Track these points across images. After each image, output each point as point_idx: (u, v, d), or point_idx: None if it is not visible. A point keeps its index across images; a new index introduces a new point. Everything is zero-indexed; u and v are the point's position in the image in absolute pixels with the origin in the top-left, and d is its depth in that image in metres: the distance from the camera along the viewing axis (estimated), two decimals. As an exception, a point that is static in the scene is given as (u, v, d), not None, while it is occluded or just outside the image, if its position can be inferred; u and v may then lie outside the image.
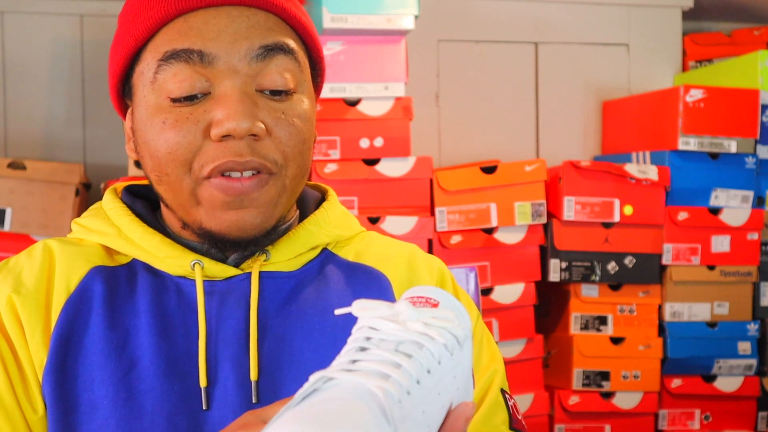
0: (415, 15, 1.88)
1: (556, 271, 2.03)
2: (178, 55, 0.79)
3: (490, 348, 0.92)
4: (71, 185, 1.99)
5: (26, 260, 0.86)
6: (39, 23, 2.20)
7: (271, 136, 0.80)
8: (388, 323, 0.62)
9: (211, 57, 0.79)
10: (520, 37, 2.35)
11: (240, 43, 0.80)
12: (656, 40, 2.41)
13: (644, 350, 2.05)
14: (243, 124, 0.77)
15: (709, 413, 2.11)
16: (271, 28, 0.82)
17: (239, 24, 0.80)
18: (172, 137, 0.79)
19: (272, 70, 0.81)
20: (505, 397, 0.89)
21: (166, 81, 0.80)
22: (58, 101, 2.22)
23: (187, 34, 0.80)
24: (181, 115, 0.79)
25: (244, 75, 0.80)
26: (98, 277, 0.84)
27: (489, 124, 2.33)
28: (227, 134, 0.78)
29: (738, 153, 2.06)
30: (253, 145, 0.79)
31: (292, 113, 0.81)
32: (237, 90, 0.79)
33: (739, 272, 2.10)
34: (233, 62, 0.79)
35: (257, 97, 0.80)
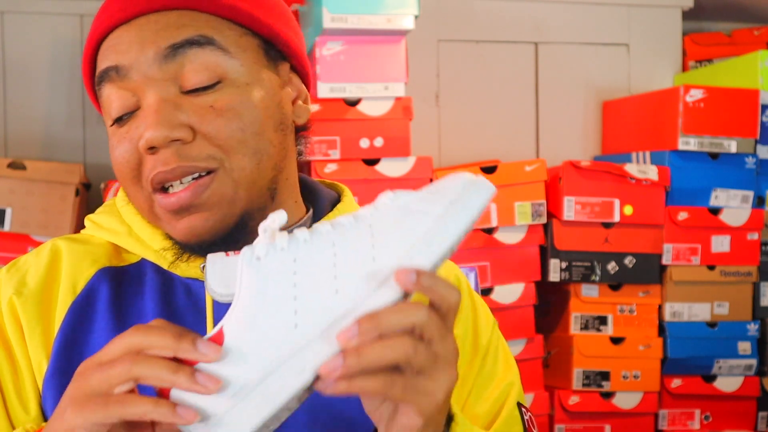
0: (415, 15, 1.88)
1: (556, 271, 2.03)
2: (102, 78, 0.81)
3: (506, 358, 0.90)
4: (71, 185, 1.99)
5: (33, 260, 0.86)
6: (39, 23, 2.20)
7: (200, 135, 0.78)
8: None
9: (126, 69, 0.79)
10: (520, 37, 2.35)
11: (147, 49, 0.78)
12: (656, 40, 2.40)
13: (644, 350, 2.05)
14: (158, 133, 0.76)
15: (709, 413, 2.11)
16: (183, 25, 0.79)
17: (147, 30, 0.79)
18: (118, 158, 0.80)
19: (188, 68, 0.78)
20: (521, 411, 0.86)
21: (104, 105, 0.82)
22: (58, 101, 2.21)
23: (106, 55, 0.81)
24: (121, 136, 0.80)
25: (160, 81, 0.78)
26: (105, 279, 0.84)
27: (489, 124, 2.33)
28: (149, 146, 0.77)
29: (738, 153, 2.06)
30: (180, 151, 0.77)
31: (221, 103, 0.78)
32: (156, 98, 0.78)
33: (739, 272, 2.10)
34: (145, 70, 0.78)
35: (182, 99, 0.78)
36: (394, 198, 0.66)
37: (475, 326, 0.89)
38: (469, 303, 0.90)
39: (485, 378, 0.87)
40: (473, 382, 0.86)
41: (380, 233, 0.64)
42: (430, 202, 0.66)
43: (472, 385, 0.86)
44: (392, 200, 0.66)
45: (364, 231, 0.64)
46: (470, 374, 0.86)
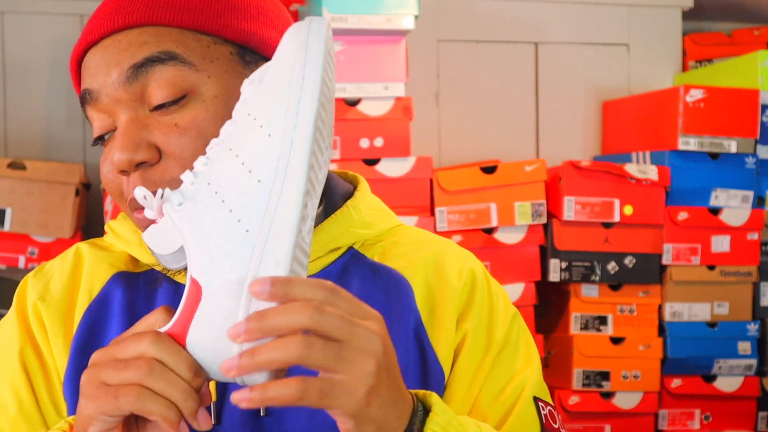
0: (415, 15, 1.88)
1: (556, 271, 2.03)
2: (82, 100, 0.81)
3: (527, 352, 0.87)
4: (71, 185, 1.99)
5: (58, 266, 0.87)
6: (39, 23, 2.20)
7: (165, 155, 0.77)
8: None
9: (96, 93, 0.79)
10: (520, 37, 2.35)
11: (112, 71, 0.78)
12: (656, 40, 2.40)
13: (644, 350, 2.05)
14: (122, 157, 0.76)
15: (709, 413, 2.11)
16: (144, 42, 0.78)
17: (111, 52, 0.78)
18: (103, 177, 0.81)
19: (153, 86, 0.77)
20: (538, 406, 0.83)
21: (91, 122, 0.83)
22: (58, 101, 2.21)
23: (83, 77, 0.81)
24: (105, 155, 0.81)
25: (128, 101, 0.77)
26: (120, 283, 0.84)
27: (489, 124, 2.33)
28: (118, 170, 0.77)
29: (738, 153, 2.06)
30: (145, 174, 0.77)
31: (184, 121, 0.77)
32: (125, 121, 0.77)
33: (739, 272, 2.10)
34: (112, 93, 0.78)
35: (150, 118, 0.77)
36: (251, 80, 0.71)
37: (490, 320, 0.85)
38: (485, 294, 0.86)
39: (500, 374, 0.84)
40: (485, 378, 0.83)
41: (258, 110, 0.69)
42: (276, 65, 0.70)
43: (483, 381, 0.83)
44: (249, 84, 0.71)
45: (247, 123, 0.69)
46: (482, 371, 0.83)
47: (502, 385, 0.83)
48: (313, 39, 0.69)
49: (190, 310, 0.63)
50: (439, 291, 0.84)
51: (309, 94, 0.67)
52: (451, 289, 0.84)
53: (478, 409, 0.82)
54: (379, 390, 0.61)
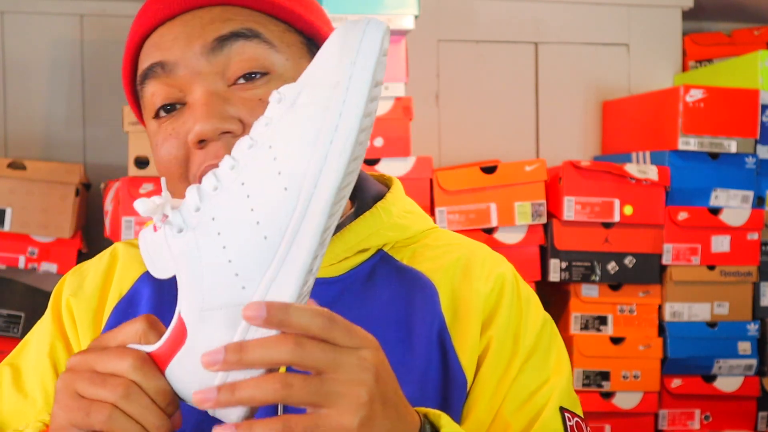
0: (415, 15, 1.88)
1: (556, 271, 2.03)
2: (146, 75, 0.80)
3: (558, 360, 0.85)
4: (71, 185, 1.99)
5: (94, 265, 0.89)
6: (39, 23, 2.20)
7: (249, 128, 0.76)
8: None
9: (172, 65, 0.78)
10: (520, 37, 2.35)
11: (194, 43, 0.78)
12: (656, 40, 2.40)
13: (644, 350, 2.05)
14: (208, 125, 0.75)
15: (709, 413, 2.11)
16: (228, 19, 0.79)
17: (192, 26, 0.79)
18: (164, 155, 0.80)
19: (235, 59, 0.78)
20: (564, 417, 0.80)
21: (148, 102, 0.81)
22: (58, 101, 2.21)
23: (150, 52, 0.80)
24: (167, 132, 0.79)
25: (208, 74, 0.78)
26: (148, 282, 0.85)
27: (489, 124, 2.33)
28: (198, 139, 0.76)
29: (738, 153, 2.06)
30: (231, 143, 0.76)
31: (270, 96, 0.79)
32: (204, 92, 0.77)
33: (739, 272, 2.10)
34: (193, 64, 0.78)
35: (230, 93, 0.78)
36: (280, 97, 0.63)
37: (518, 327, 0.84)
38: (514, 300, 0.85)
39: (527, 382, 0.82)
40: (510, 386, 0.81)
41: (281, 147, 0.60)
42: (318, 88, 0.61)
43: (508, 389, 0.81)
44: (279, 104, 0.62)
45: (264, 154, 0.61)
46: (507, 378, 0.81)
47: (528, 394, 0.81)
48: (362, 59, 0.60)
49: (174, 343, 0.61)
50: (464, 295, 0.83)
51: (340, 149, 0.59)
52: (477, 293, 0.83)
53: (501, 418, 0.80)
54: (373, 420, 0.59)
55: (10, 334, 1.97)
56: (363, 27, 0.61)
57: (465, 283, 0.83)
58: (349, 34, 0.61)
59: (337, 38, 0.62)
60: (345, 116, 0.59)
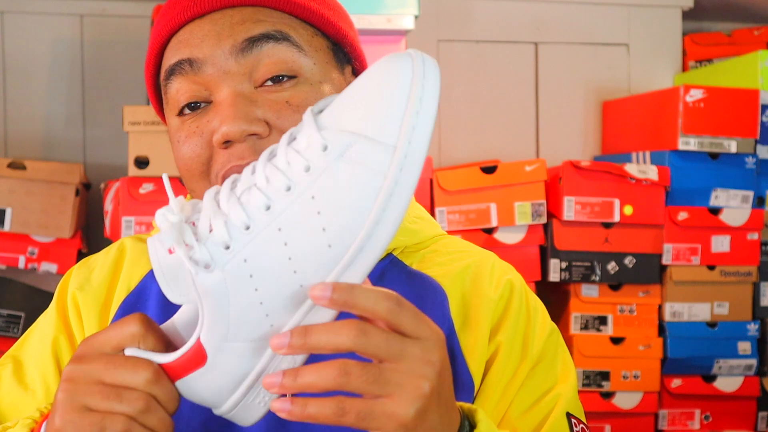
0: (415, 15, 1.88)
1: (556, 271, 2.03)
2: (173, 71, 0.80)
3: (565, 368, 0.85)
4: (71, 185, 1.99)
5: (101, 259, 0.89)
6: (39, 23, 2.20)
7: (276, 130, 0.77)
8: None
9: (200, 63, 0.78)
10: (520, 37, 2.35)
11: (224, 42, 0.78)
12: (656, 40, 2.40)
13: (644, 350, 2.05)
14: (235, 127, 0.75)
15: (709, 413, 2.11)
16: (259, 20, 0.79)
17: (222, 24, 0.79)
18: (186, 153, 0.79)
19: (265, 61, 0.78)
20: (570, 422, 0.81)
21: (172, 98, 0.80)
22: (58, 101, 2.21)
23: (177, 48, 0.80)
24: (190, 130, 0.79)
25: (236, 74, 0.78)
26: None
27: (489, 124, 2.33)
28: (225, 140, 0.76)
29: (738, 153, 2.06)
30: (256, 145, 0.76)
31: (297, 99, 0.78)
32: (230, 92, 0.77)
33: (739, 272, 2.10)
34: (221, 63, 0.78)
35: (256, 94, 0.78)
36: (325, 144, 0.58)
37: (526, 334, 0.84)
38: (522, 308, 0.85)
39: (533, 388, 0.82)
40: (517, 392, 0.82)
41: (324, 200, 0.57)
42: (372, 146, 0.57)
43: (514, 395, 0.82)
44: (325, 152, 0.58)
45: (306, 206, 0.58)
46: (514, 384, 0.82)
47: (534, 399, 0.82)
48: (423, 120, 0.57)
49: (191, 363, 0.61)
50: (474, 301, 0.83)
51: (394, 217, 0.58)
52: (486, 300, 0.83)
53: (508, 422, 0.81)
54: (427, 413, 0.59)
55: (10, 334, 1.97)
56: (422, 70, 0.58)
57: (474, 289, 0.84)
58: (404, 75, 0.58)
59: (391, 79, 0.58)
60: (402, 185, 0.57)
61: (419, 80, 0.58)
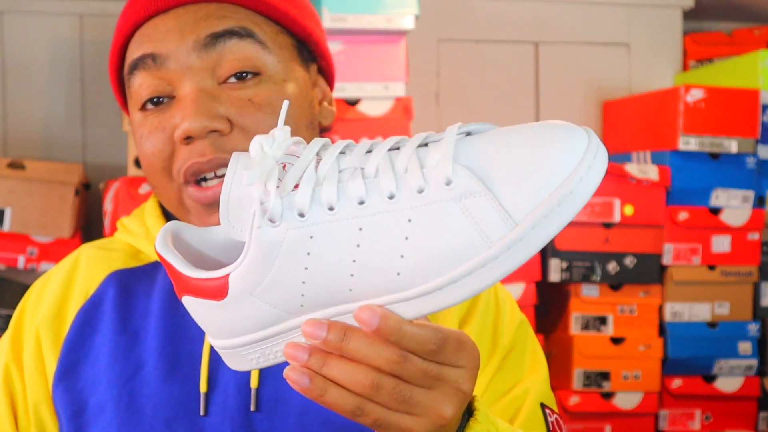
0: (415, 15, 1.88)
1: (557, 272, 2.03)
2: (136, 65, 0.79)
3: (534, 359, 0.86)
4: (71, 185, 1.99)
5: (54, 276, 0.87)
6: (39, 23, 2.20)
7: (237, 128, 0.77)
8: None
9: (163, 58, 0.78)
10: (520, 37, 2.35)
11: (187, 38, 0.77)
12: (656, 40, 2.40)
13: (644, 350, 2.05)
14: (195, 123, 0.74)
15: (710, 413, 2.10)
16: (223, 17, 0.79)
17: (186, 20, 0.78)
18: (149, 148, 0.79)
19: (228, 57, 0.77)
20: (545, 412, 0.81)
21: (135, 92, 0.80)
22: (57, 101, 2.21)
23: (141, 43, 0.80)
24: (152, 125, 0.79)
25: (198, 70, 0.77)
26: (114, 282, 0.84)
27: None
28: (186, 136, 0.76)
29: (738, 153, 2.06)
30: (217, 142, 0.76)
31: (260, 98, 0.77)
32: (193, 89, 0.76)
33: (740, 272, 2.10)
34: (183, 58, 0.77)
35: (219, 91, 0.77)
36: (451, 179, 0.52)
37: (496, 325, 0.85)
38: (491, 299, 0.85)
39: (504, 379, 0.83)
40: (488, 383, 0.82)
41: (419, 230, 0.53)
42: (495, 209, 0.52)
43: (486, 386, 0.82)
44: (447, 186, 0.53)
45: (399, 224, 0.53)
46: (484, 375, 0.82)
47: (505, 390, 0.82)
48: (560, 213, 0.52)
49: (207, 291, 0.58)
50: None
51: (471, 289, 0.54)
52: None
53: None
54: (440, 430, 0.59)
55: (9, 335, 1.97)
56: (588, 164, 0.52)
57: None
58: (571, 160, 0.52)
59: (556, 154, 0.52)
60: (500, 263, 0.52)
61: (581, 173, 0.51)
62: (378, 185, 0.53)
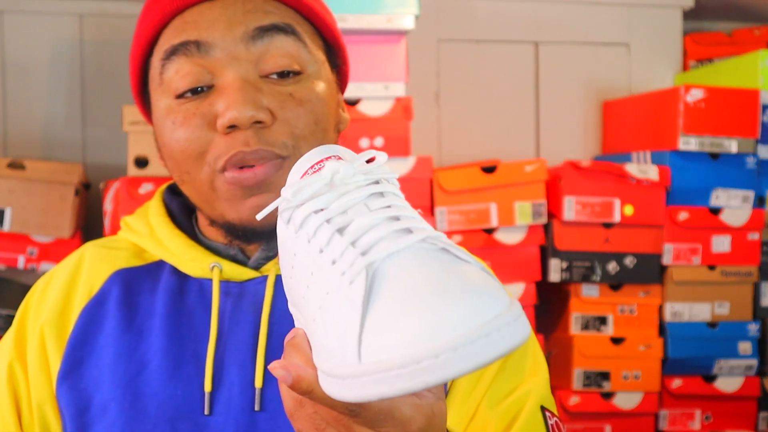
0: (415, 15, 1.88)
1: (557, 271, 2.03)
2: (177, 50, 0.79)
3: (535, 361, 0.85)
4: (71, 185, 1.99)
5: (58, 275, 0.87)
6: (39, 23, 2.20)
7: (278, 121, 0.77)
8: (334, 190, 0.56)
9: (208, 45, 0.78)
10: (520, 37, 2.35)
11: (235, 28, 0.78)
12: (656, 40, 2.40)
13: (644, 350, 2.05)
14: (245, 113, 0.75)
15: (710, 413, 2.10)
16: (268, 11, 0.79)
17: (234, 10, 0.79)
18: (183, 135, 0.78)
19: (273, 53, 0.78)
20: (545, 416, 0.81)
21: (170, 79, 0.79)
22: (57, 101, 2.21)
23: (183, 29, 0.79)
24: (188, 112, 0.78)
25: (244, 61, 0.78)
26: (118, 281, 0.84)
27: (489, 124, 2.33)
28: (231, 124, 0.76)
29: (738, 153, 2.06)
30: (260, 133, 0.76)
31: (300, 94, 0.78)
32: (238, 78, 0.77)
33: (740, 272, 2.10)
34: (230, 48, 0.77)
35: (261, 83, 0.78)
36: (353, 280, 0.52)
37: None
38: None
39: (504, 382, 0.82)
40: (489, 386, 0.82)
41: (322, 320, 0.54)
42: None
43: (487, 388, 0.82)
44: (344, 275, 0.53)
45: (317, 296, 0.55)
46: (485, 378, 0.82)
47: (505, 393, 0.82)
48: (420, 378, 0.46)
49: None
50: None
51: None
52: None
53: (480, 416, 0.81)
54: None
55: (9, 335, 1.97)
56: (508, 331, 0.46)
57: None
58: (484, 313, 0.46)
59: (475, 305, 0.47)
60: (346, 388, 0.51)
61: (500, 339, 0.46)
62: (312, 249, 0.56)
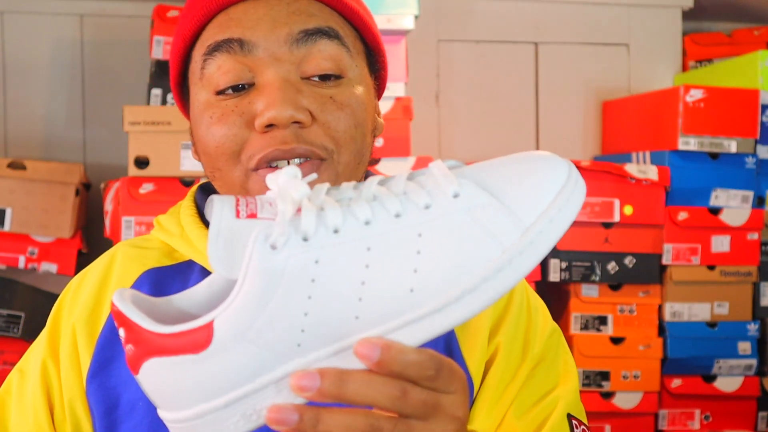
0: (415, 15, 1.88)
1: (556, 271, 2.03)
2: (219, 47, 0.79)
3: (566, 369, 0.85)
4: (71, 185, 1.99)
5: (91, 273, 0.87)
6: (39, 23, 2.20)
7: (318, 123, 0.77)
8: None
9: (251, 45, 0.78)
10: (520, 37, 2.35)
11: (280, 29, 0.78)
12: (656, 40, 2.40)
13: (644, 350, 2.05)
14: (284, 112, 0.74)
15: (709, 413, 2.11)
16: (313, 14, 0.79)
17: (278, 11, 0.78)
18: (219, 131, 0.78)
19: (316, 55, 0.78)
20: (571, 424, 0.80)
21: (211, 75, 0.79)
22: (58, 101, 2.21)
23: (227, 25, 0.79)
24: (227, 109, 0.78)
25: (286, 62, 0.77)
26: (148, 280, 0.84)
27: (489, 124, 2.33)
28: (270, 123, 0.75)
29: (738, 153, 2.06)
30: (298, 133, 0.76)
31: (341, 98, 0.78)
32: (279, 78, 0.76)
33: (739, 272, 2.10)
34: (273, 49, 0.77)
35: (302, 85, 0.77)
36: (458, 192, 0.54)
37: (527, 334, 0.84)
38: (523, 307, 0.85)
39: (533, 389, 0.82)
40: (517, 393, 0.81)
41: (431, 243, 0.52)
42: (505, 216, 0.53)
43: (515, 396, 0.81)
44: (454, 199, 0.54)
45: (409, 239, 0.53)
46: (514, 385, 0.81)
47: (534, 400, 0.81)
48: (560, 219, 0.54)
49: (186, 344, 0.53)
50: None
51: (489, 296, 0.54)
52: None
53: (508, 423, 0.80)
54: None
55: (10, 334, 1.97)
56: (575, 181, 0.55)
57: None
58: (561, 174, 0.55)
59: (548, 170, 0.55)
60: (514, 267, 0.53)
61: (572, 186, 0.55)
62: (381, 207, 0.53)
